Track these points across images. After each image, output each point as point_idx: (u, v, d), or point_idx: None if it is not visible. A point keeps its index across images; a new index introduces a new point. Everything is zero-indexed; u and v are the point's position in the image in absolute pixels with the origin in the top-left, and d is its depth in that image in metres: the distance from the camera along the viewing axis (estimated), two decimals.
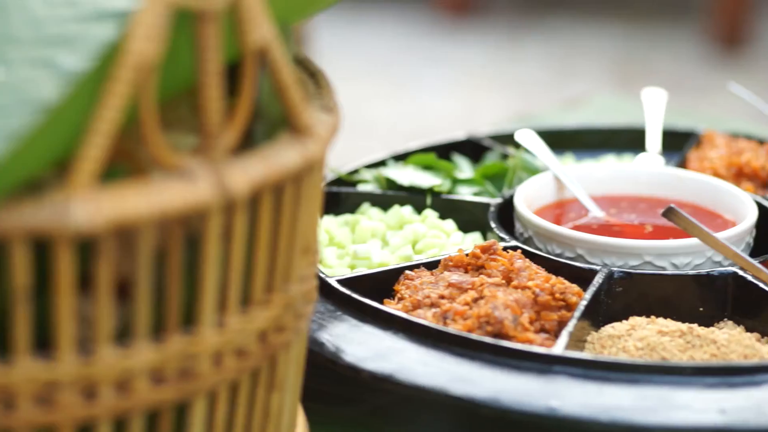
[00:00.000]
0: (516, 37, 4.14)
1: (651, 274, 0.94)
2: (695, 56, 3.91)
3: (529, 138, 1.18)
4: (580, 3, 4.39)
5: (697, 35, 4.03)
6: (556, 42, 4.06)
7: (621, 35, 4.10)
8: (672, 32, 4.12)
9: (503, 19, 4.32)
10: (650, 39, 4.07)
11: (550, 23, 4.24)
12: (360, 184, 1.16)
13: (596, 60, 3.89)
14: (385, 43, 4.16)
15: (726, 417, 0.76)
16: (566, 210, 1.11)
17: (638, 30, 4.14)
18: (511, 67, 3.86)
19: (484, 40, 4.12)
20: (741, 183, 1.17)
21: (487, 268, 0.92)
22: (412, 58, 4.02)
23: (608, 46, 4.00)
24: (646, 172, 1.14)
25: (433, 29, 4.25)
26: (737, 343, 0.86)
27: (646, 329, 0.87)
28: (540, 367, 0.80)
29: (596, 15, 4.28)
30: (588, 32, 4.13)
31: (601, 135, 1.36)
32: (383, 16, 4.40)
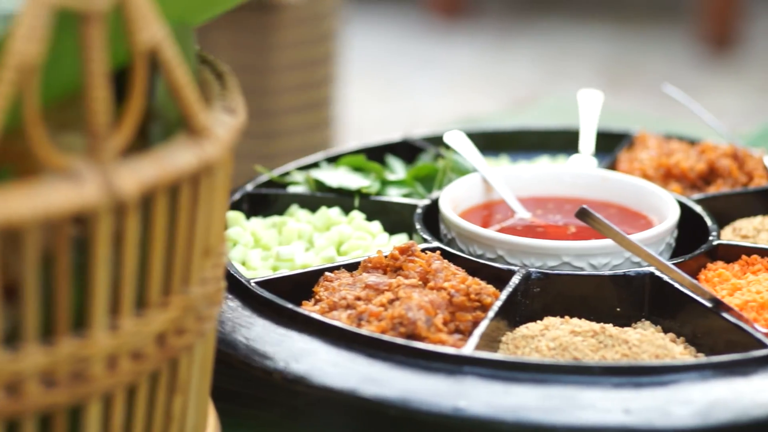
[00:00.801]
0: (507, 38, 4.16)
1: (568, 275, 0.95)
2: (685, 58, 3.92)
3: (458, 140, 1.18)
4: (571, 5, 4.41)
5: (687, 37, 4.04)
6: (547, 44, 4.08)
7: (611, 37, 4.11)
8: (662, 34, 4.14)
9: (495, 21, 4.33)
10: (640, 41, 4.09)
11: (541, 25, 4.26)
12: (290, 186, 1.16)
13: (587, 62, 3.90)
14: (376, 45, 4.17)
15: (630, 417, 0.77)
16: (493, 211, 1.11)
17: (628, 32, 4.16)
18: (503, 68, 3.87)
19: (475, 42, 4.13)
20: (669, 184, 1.18)
21: (405, 269, 0.92)
22: (404, 59, 4.02)
23: (598, 47, 4.02)
24: (572, 173, 1.14)
25: (425, 31, 4.26)
26: (649, 343, 0.86)
27: (560, 329, 0.87)
28: (450, 368, 0.81)
29: (587, 17, 4.30)
30: (578, 34, 4.15)
31: (538, 136, 1.37)
32: (375, 17, 4.41)
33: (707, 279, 0.98)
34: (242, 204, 1.12)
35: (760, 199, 1.14)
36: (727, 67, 3.85)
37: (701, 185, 1.19)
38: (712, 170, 1.19)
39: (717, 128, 1.31)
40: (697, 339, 0.91)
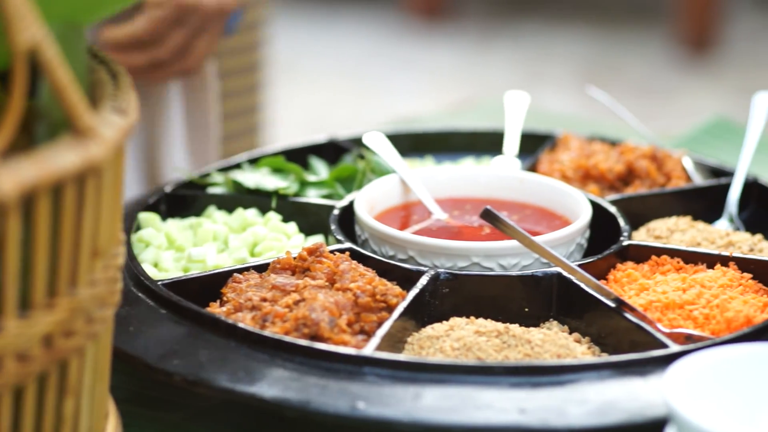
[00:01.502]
0: (487, 40, 4.16)
1: (477, 275, 0.95)
2: (663, 59, 3.94)
3: (378, 141, 1.18)
4: (550, 7, 4.42)
5: (665, 39, 4.06)
6: (526, 46, 4.09)
7: (590, 39, 4.13)
8: (640, 36, 4.15)
9: (475, 23, 4.34)
10: (619, 43, 4.10)
11: (521, 27, 4.27)
12: (210, 187, 1.16)
13: (565, 63, 3.91)
14: (356, 47, 4.16)
15: (526, 416, 0.77)
16: (411, 212, 1.11)
17: (607, 34, 4.18)
18: (481, 70, 3.88)
19: (455, 44, 4.14)
20: (587, 185, 1.19)
21: (313, 270, 0.92)
22: (383, 61, 4.02)
23: (577, 49, 4.03)
24: (488, 174, 1.15)
25: (405, 33, 4.26)
26: (551, 343, 0.87)
27: (464, 330, 0.88)
28: (350, 368, 0.81)
29: (566, 19, 4.31)
30: (558, 36, 4.16)
31: (465, 138, 1.37)
32: (355, 19, 4.40)
33: (616, 279, 0.98)
34: (160, 205, 1.12)
35: (677, 199, 1.15)
36: (705, 68, 3.87)
37: (620, 186, 1.20)
38: (631, 171, 1.20)
39: (640, 130, 1.31)
40: (602, 339, 0.91)
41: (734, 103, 3.49)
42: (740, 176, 1.16)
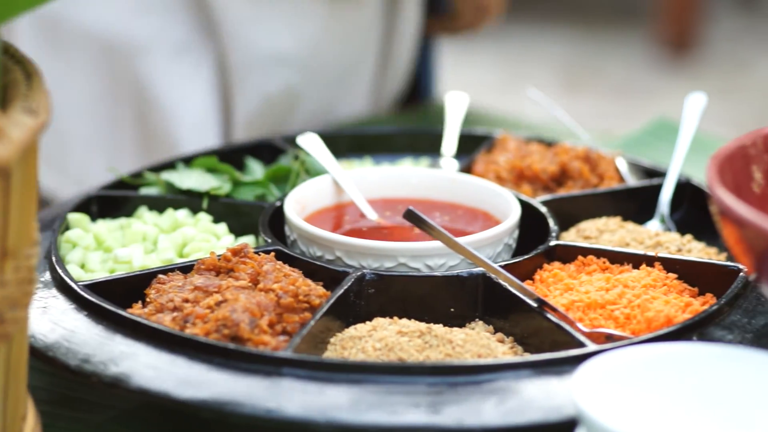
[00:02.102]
0: (471, 42, 4.16)
1: (402, 276, 0.95)
2: (643, 60, 3.95)
3: (311, 142, 1.18)
4: (533, 9, 4.42)
5: (646, 40, 4.07)
6: (509, 47, 4.09)
7: (572, 40, 4.13)
8: (621, 37, 4.16)
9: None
10: (600, 44, 4.11)
11: (503, 28, 4.26)
12: (143, 188, 1.16)
13: (547, 64, 3.92)
14: None
15: (441, 416, 0.77)
16: (343, 213, 1.12)
17: (588, 35, 4.19)
18: (464, 70, 3.88)
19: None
20: (521, 185, 1.19)
21: (237, 271, 0.92)
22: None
23: (559, 50, 4.04)
24: (419, 175, 1.15)
25: None
26: (473, 343, 0.87)
27: (387, 330, 0.88)
28: (268, 369, 0.81)
29: (549, 21, 4.31)
30: (540, 37, 4.17)
31: (406, 138, 1.37)
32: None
33: (542, 279, 0.99)
34: (91, 206, 1.11)
35: (609, 200, 1.16)
36: (685, 70, 3.88)
37: (553, 187, 1.20)
38: (564, 172, 1.21)
39: (577, 131, 1.32)
40: (525, 339, 0.92)
41: (713, 104, 3.52)
42: (672, 177, 1.17)
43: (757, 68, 3.89)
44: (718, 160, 0.78)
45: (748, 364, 0.73)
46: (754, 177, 0.80)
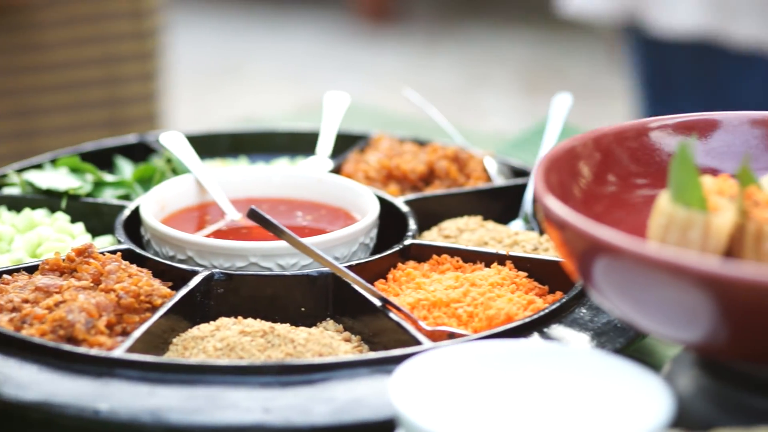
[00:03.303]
0: (433, 44, 4.16)
1: (252, 275, 0.95)
2: (604, 62, 3.96)
3: (175, 141, 1.18)
4: (496, 11, 4.43)
5: (607, 41, 4.08)
6: (471, 49, 4.09)
7: (533, 42, 4.14)
8: (582, 38, 4.17)
9: (422, 27, 4.33)
10: (562, 46, 4.12)
11: (467, 31, 4.27)
12: (5, 188, 1.14)
13: (508, 66, 3.93)
14: (302, 49, 4.12)
15: (269, 416, 0.77)
16: (206, 212, 1.11)
17: (550, 37, 4.20)
18: (426, 73, 3.88)
19: (401, 47, 4.13)
20: (389, 185, 1.20)
21: (80, 271, 0.91)
22: (329, 63, 3.99)
23: (521, 52, 4.05)
24: (283, 175, 1.15)
25: (352, 36, 4.23)
26: (315, 342, 0.87)
27: (230, 330, 0.88)
28: (99, 370, 0.80)
29: (511, 22, 4.32)
30: (502, 39, 4.17)
31: (286, 138, 1.37)
32: (302, 22, 4.37)
33: (395, 278, 0.99)
34: None
35: (474, 199, 1.16)
36: None
37: (422, 186, 1.21)
38: (432, 172, 1.21)
39: (450, 131, 1.33)
40: (372, 338, 0.92)
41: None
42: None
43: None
44: (545, 162, 0.79)
45: (570, 362, 0.74)
46: (582, 178, 0.81)
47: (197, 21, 4.36)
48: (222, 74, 3.86)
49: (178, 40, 4.13)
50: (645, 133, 0.84)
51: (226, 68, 3.93)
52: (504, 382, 0.73)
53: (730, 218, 0.73)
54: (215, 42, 4.18)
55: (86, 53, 1.96)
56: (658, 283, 0.68)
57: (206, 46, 4.13)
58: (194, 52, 4.04)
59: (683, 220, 0.73)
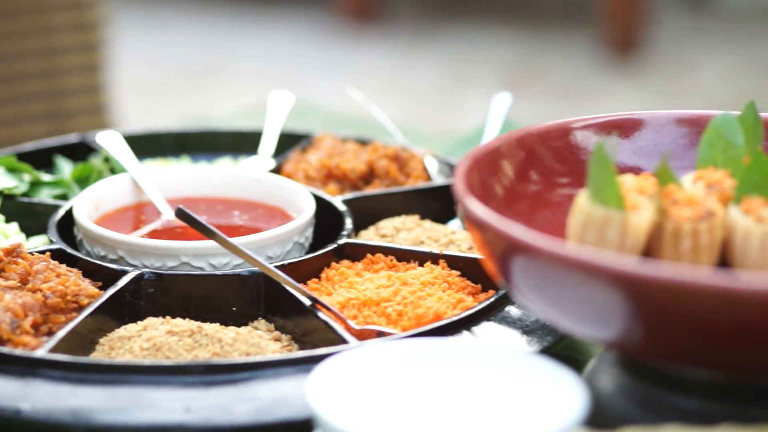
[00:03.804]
0: (416, 43, 4.15)
1: (183, 275, 0.95)
2: (589, 62, 3.96)
3: (111, 140, 1.17)
4: (480, 10, 4.42)
5: (591, 41, 4.08)
6: (455, 48, 4.08)
7: (517, 42, 4.14)
8: (567, 38, 4.17)
9: (405, 26, 4.32)
10: (545, 45, 4.11)
11: (450, 30, 4.26)
12: None
13: (491, 66, 3.92)
14: (286, 49, 4.11)
15: (191, 416, 0.77)
16: (142, 212, 1.11)
17: (534, 36, 4.19)
18: (409, 73, 3.87)
19: (384, 47, 4.11)
20: (329, 184, 1.20)
21: (7, 270, 0.91)
22: (312, 63, 3.97)
23: (505, 52, 4.04)
24: (220, 174, 1.15)
25: (335, 36, 4.22)
26: (242, 342, 0.87)
27: (157, 330, 0.88)
28: (21, 370, 0.80)
29: (495, 22, 4.31)
30: (486, 39, 4.17)
31: (230, 137, 1.37)
32: (286, 22, 4.35)
33: (329, 277, 0.99)
34: None
35: (413, 198, 1.17)
36: (630, 71, 3.89)
37: (362, 186, 1.21)
38: (372, 171, 1.21)
39: (392, 130, 1.33)
40: (302, 338, 0.92)
41: (659, 105, 3.53)
42: None
43: (703, 70, 3.93)
44: (467, 162, 0.79)
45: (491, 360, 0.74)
46: (505, 177, 0.81)
47: (178, 20, 4.34)
48: (204, 74, 3.85)
49: (160, 40, 4.12)
50: (569, 133, 0.84)
51: (209, 68, 3.91)
52: (423, 381, 0.73)
53: (647, 217, 0.73)
54: (197, 41, 4.16)
55: (27, 45, 1.95)
56: (574, 283, 0.68)
57: (188, 45, 4.12)
58: (176, 52, 4.03)
59: (601, 218, 0.73)
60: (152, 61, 3.95)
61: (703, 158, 0.80)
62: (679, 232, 0.73)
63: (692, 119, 0.88)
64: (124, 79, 3.71)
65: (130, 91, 3.61)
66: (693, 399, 0.73)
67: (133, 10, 4.28)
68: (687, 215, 0.73)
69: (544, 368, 0.74)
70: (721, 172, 0.78)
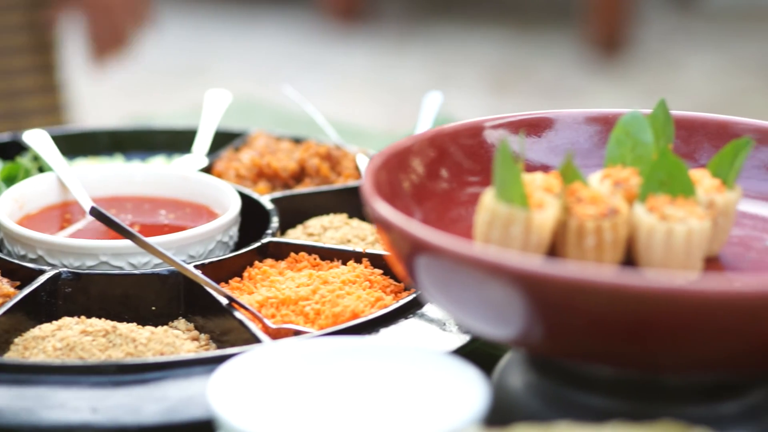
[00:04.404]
0: (402, 43, 4.14)
1: (101, 275, 0.94)
2: (574, 61, 3.96)
3: (38, 139, 1.17)
4: (466, 10, 4.42)
5: (576, 40, 4.08)
6: (440, 48, 4.08)
7: (502, 41, 4.13)
8: (552, 38, 4.16)
9: (391, 26, 4.31)
10: (530, 45, 4.11)
11: (436, 30, 4.25)
12: None
13: (476, 65, 3.92)
14: (271, 48, 4.08)
15: (97, 416, 0.77)
16: (68, 211, 1.10)
17: (519, 36, 4.19)
18: (394, 72, 3.86)
19: (370, 46, 4.10)
20: (259, 183, 1.19)
21: None
22: (297, 63, 3.96)
23: (489, 51, 4.04)
24: (146, 172, 1.14)
25: (321, 35, 4.20)
26: (157, 342, 0.87)
27: (72, 329, 0.87)
28: None
29: (480, 21, 4.31)
30: (471, 38, 4.16)
31: (166, 136, 1.36)
32: (271, 21, 4.32)
33: (251, 276, 0.99)
34: None
35: (341, 197, 1.16)
36: (615, 70, 3.90)
37: (293, 184, 1.21)
38: (303, 169, 1.21)
39: (325, 128, 1.33)
40: (220, 337, 0.92)
41: (644, 104, 3.53)
42: None
43: (688, 69, 3.93)
44: (375, 161, 0.79)
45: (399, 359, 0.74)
46: (415, 176, 0.81)
47: (163, 20, 4.32)
48: (188, 74, 3.83)
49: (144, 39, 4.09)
50: (481, 132, 0.84)
51: (193, 68, 3.89)
52: (329, 380, 0.73)
53: (551, 214, 0.73)
54: (182, 41, 4.14)
55: None
56: (474, 282, 0.68)
57: (173, 45, 4.10)
58: (160, 52, 4.01)
59: (505, 216, 0.73)
60: (136, 61, 3.93)
61: (612, 156, 0.80)
62: (582, 230, 0.73)
63: (607, 117, 0.88)
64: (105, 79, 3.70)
65: (111, 91, 3.60)
66: (596, 396, 0.73)
67: None
68: (591, 213, 0.73)
69: (450, 367, 0.74)
70: (629, 170, 0.78)
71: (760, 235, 0.83)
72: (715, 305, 0.64)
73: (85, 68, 2.20)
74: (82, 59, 2.03)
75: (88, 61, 1.97)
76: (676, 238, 0.72)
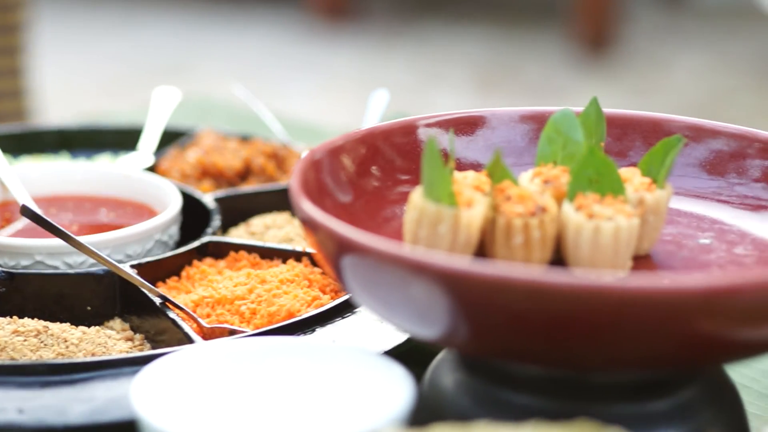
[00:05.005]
0: (388, 42, 4.13)
1: (34, 274, 0.94)
2: (560, 59, 3.94)
3: None
4: (453, 9, 4.40)
5: (563, 39, 4.06)
6: (427, 47, 4.06)
7: (490, 39, 4.12)
8: (539, 36, 4.15)
9: (378, 25, 4.29)
10: (517, 43, 4.10)
11: (423, 28, 4.23)
12: None
13: (463, 64, 3.90)
14: (256, 48, 4.06)
15: (23, 416, 0.76)
16: (8, 210, 1.09)
17: (506, 35, 4.17)
18: (380, 71, 3.84)
19: (356, 45, 4.08)
20: (203, 182, 1.19)
21: None
22: (283, 62, 3.93)
23: (476, 50, 4.02)
24: (86, 171, 1.14)
25: (308, 34, 4.17)
26: (89, 342, 0.86)
27: (3, 329, 0.86)
28: None
29: (467, 20, 4.29)
30: (458, 37, 4.15)
31: (114, 135, 1.35)
32: (257, 19, 4.30)
33: (189, 276, 0.98)
34: None
35: (285, 195, 1.15)
36: (602, 68, 3.88)
37: (238, 183, 1.20)
38: (249, 168, 1.21)
39: (273, 127, 1.32)
40: (155, 337, 0.91)
41: (631, 103, 3.52)
42: None
43: (676, 67, 3.93)
44: (305, 161, 0.78)
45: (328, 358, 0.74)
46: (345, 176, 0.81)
47: (148, 18, 4.30)
48: (174, 73, 3.81)
49: (130, 38, 4.06)
50: (414, 130, 0.84)
51: (178, 67, 3.87)
52: (256, 379, 0.72)
53: (479, 213, 0.73)
54: (168, 40, 4.11)
55: None
56: (396, 281, 0.68)
57: (159, 44, 4.07)
58: (145, 50, 3.98)
59: (433, 214, 0.73)
60: (121, 59, 3.91)
61: (543, 154, 0.80)
62: (510, 228, 0.73)
63: (543, 115, 0.88)
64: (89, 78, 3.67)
65: (95, 90, 3.58)
66: (525, 395, 0.72)
67: (104, 8, 4.24)
68: (518, 211, 0.73)
69: (378, 366, 0.73)
70: (559, 168, 0.78)
71: (693, 233, 0.83)
72: (636, 302, 0.63)
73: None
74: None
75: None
76: (603, 236, 0.72)
